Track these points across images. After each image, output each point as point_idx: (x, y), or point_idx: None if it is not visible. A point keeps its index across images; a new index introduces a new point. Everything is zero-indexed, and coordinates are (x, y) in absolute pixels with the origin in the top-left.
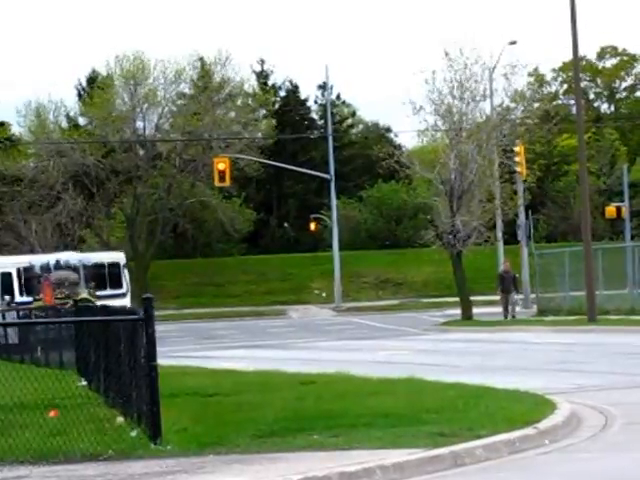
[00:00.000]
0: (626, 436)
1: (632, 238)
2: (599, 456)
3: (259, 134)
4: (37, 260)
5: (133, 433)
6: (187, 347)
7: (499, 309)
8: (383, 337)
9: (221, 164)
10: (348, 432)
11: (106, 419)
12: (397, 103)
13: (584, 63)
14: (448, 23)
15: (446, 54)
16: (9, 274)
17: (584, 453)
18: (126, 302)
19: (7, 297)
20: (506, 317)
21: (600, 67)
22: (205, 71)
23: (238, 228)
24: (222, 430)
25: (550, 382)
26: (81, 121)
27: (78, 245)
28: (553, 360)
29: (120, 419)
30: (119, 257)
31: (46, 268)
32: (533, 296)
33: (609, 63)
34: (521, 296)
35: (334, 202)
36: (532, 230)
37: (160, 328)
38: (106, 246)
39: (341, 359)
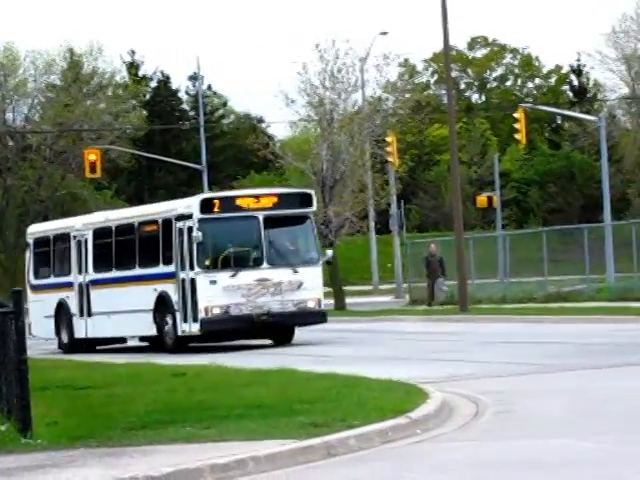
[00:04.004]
0: (497, 424)
1: (503, 227)
2: (469, 445)
3: (130, 125)
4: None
5: (2, 427)
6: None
7: (372, 299)
8: None
9: (92, 155)
10: (220, 423)
11: None
12: (269, 94)
13: (454, 53)
14: (320, 13)
15: (317, 45)
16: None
17: (455, 442)
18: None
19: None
20: (430, 304)
21: (470, 57)
22: (75, 62)
23: None
24: (93, 423)
25: (423, 371)
26: None
27: None
28: (426, 349)
29: None
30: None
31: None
32: (405, 286)
33: (479, 53)
34: (447, 283)
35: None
36: (404, 220)
37: None
38: None
39: (213, 350)
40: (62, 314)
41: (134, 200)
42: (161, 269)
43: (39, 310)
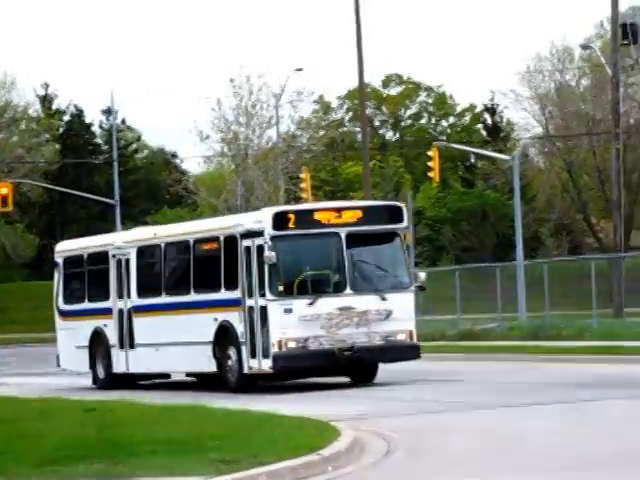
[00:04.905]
0: (407, 462)
1: (416, 265)
2: None
3: (43, 159)
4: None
5: None
6: None
7: None
8: None
9: (4, 189)
10: (130, 460)
11: None
12: (183, 129)
13: (369, 90)
14: (235, 49)
15: (231, 81)
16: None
17: None
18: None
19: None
20: None
21: (385, 95)
22: None
23: (20, 254)
24: (2, 458)
25: (335, 409)
26: None
27: None
28: (338, 387)
29: None
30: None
31: None
32: None
33: (394, 91)
34: None
35: (119, 227)
36: None
37: None
38: None
39: (127, 386)
40: (98, 345)
41: (45, 234)
42: (223, 295)
43: (70, 340)
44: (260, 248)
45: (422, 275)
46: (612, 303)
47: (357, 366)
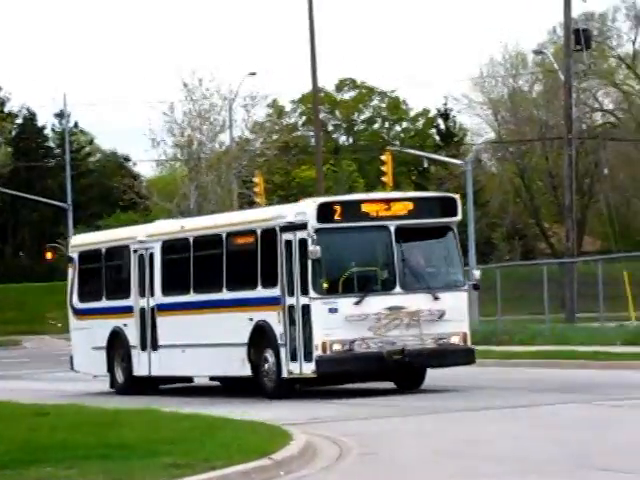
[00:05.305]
0: (359, 467)
1: None
2: None
3: None
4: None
5: None
6: None
7: None
8: None
9: None
10: (82, 464)
11: None
12: (136, 132)
13: (323, 95)
14: (188, 53)
15: (185, 85)
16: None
17: None
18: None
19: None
20: None
21: (339, 99)
22: None
23: None
24: None
25: (287, 413)
26: None
27: None
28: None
29: None
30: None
31: None
32: None
33: (347, 95)
34: None
35: (71, 231)
36: None
37: None
38: None
39: (76, 391)
40: (116, 346)
41: None
42: (259, 293)
43: (85, 340)
44: (302, 242)
45: (477, 273)
46: (564, 308)
47: (405, 371)
